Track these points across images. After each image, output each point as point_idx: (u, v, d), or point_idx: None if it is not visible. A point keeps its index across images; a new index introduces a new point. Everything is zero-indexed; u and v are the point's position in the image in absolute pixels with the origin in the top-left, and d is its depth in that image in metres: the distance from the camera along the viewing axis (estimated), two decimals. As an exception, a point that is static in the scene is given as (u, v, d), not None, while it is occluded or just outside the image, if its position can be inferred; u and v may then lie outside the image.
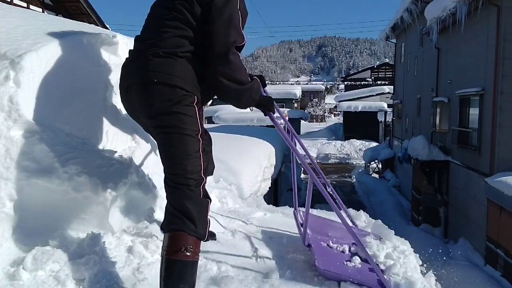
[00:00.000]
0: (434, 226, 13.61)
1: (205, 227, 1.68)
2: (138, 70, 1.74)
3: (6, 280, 1.64)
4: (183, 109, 1.69)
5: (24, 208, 1.84)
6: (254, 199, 3.77)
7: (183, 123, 1.68)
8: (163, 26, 1.76)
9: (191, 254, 1.61)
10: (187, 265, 1.60)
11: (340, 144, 30.35)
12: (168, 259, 1.59)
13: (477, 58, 10.87)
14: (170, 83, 1.67)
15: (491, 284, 8.92)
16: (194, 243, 1.63)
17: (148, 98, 1.70)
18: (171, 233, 1.62)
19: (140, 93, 1.73)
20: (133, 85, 1.76)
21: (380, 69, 52.44)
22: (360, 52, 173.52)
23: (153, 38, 1.76)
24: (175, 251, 1.58)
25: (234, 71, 1.75)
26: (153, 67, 1.69)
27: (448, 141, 13.03)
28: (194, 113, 1.72)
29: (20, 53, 1.93)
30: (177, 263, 1.58)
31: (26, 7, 10.20)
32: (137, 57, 1.78)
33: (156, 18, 1.83)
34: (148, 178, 2.38)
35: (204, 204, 1.71)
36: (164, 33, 1.74)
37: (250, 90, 1.84)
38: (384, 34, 20.93)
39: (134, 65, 1.78)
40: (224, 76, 1.74)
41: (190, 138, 1.70)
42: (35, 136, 1.89)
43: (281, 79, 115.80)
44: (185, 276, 1.58)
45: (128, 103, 1.86)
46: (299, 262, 2.26)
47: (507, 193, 8.61)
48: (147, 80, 1.70)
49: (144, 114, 1.76)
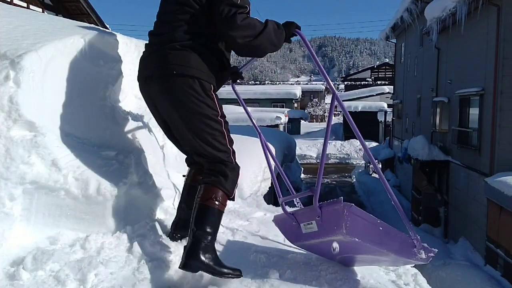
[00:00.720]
0: (434, 226, 13.61)
1: (233, 187, 1.98)
2: (157, 63, 1.91)
3: (6, 280, 1.64)
4: (202, 96, 1.89)
5: (24, 208, 1.84)
6: (254, 199, 3.77)
7: (203, 109, 1.89)
8: (177, 20, 1.93)
9: (219, 204, 1.91)
10: (214, 211, 1.90)
11: (340, 144, 30.35)
12: (200, 204, 1.90)
13: (477, 58, 10.87)
14: (188, 74, 1.86)
15: (491, 284, 8.92)
16: (223, 197, 1.93)
17: (169, 88, 1.89)
18: (206, 185, 1.93)
19: (161, 85, 1.91)
20: (154, 77, 1.93)
21: (380, 69, 52.42)
22: (360, 52, 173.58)
23: (168, 32, 1.93)
24: (207, 199, 1.89)
25: (245, 29, 1.86)
26: (171, 60, 1.87)
27: (448, 141, 13.04)
28: (212, 99, 1.93)
29: (20, 53, 1.93)
30: (206, 208, 1.89)
31: (26, 7, 10.21)
32: (155, 51, 1.95)
33: (169, 13, 1.99)
34: (148, 178, 2.38)
35: (236, 169, 2.01)
36: (179, 27, 1.91)
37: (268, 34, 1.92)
38: (384, 34, 20.93)
39: (153, 57, 1.95)
40: (240, 39, 1.87)
41: (211, 120, 1.93)
42: (35, 136, 1.89)
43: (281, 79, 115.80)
44: (211, 220, 1.89)
45: (148, 93, 2.03)
46: (299, 262, 2.26)
47: (507, 193, 8.61)
48: (167, 72, 1.87)
49: (167, 103, 1.93)
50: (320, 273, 2.16)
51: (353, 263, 2.30)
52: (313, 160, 28.53)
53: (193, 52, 1.88)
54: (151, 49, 2.00)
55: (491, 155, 9.99)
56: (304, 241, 2.12)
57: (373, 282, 2.19)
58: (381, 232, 1.96)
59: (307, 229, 2.03)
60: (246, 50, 1.95)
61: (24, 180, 1.82)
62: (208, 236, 1.88)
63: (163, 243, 2.09)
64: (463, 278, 9.02)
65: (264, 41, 1.91)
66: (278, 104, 37.57)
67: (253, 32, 1.87)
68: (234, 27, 1.84)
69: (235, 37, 1.86)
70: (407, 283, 2.32)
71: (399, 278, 2.35)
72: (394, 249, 2.00)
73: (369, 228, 1.92)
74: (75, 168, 1.96)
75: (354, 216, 1.85)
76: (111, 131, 2.42)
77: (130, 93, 3.00)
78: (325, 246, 2.10)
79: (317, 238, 2.01)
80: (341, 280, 2.12)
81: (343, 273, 2.21)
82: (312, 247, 2.25)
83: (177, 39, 1.89)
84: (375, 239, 1.92)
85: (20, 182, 1.81)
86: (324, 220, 1.93)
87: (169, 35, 1.92)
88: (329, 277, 2.13)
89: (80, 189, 1.95)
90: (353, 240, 1.85)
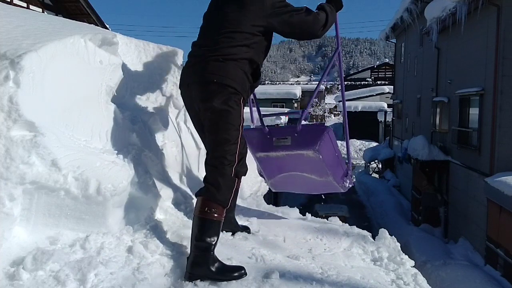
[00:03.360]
0: (434, 226, 13.62)
1: (228, 197, 2.06)
2: (199, 72, 2.15)
3: (6, 280, 1.64)
4: (232, 104, 2.09)
5: (24, 208, 1.84)
6: (254, 199, 3.76)
7: (230, 115, 2.09)
8: (219, 34, 2.17)
9: (214, 214, 1.99)
10: (211, 222, 1.99)
11: (340, 144, 30.30)
12: (198, 217, 2.00)
13: (477, 58, 10.87)
14: (224, 83, 2.07)
15: (491, 284, 8.92)
16: (218, 207, 2.01)
17: (206, 94, 2.11)
18: (200, 197, 2.04)
19: (200, 90, 2.14)
20: (194, 83, 2.17)
21: (380, 69, 52.44)
22: (360, 52, 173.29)
23: (210, 46, 2.16)
24: (203, 211, 1.99)
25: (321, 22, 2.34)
26: (211, 70, 2.10)
27: (448, 141, 13.04)
28: (239, 108, 2.13)
29: (20, 53, 1.93)
30: (204, 221, 1.99)
31: (26, 7, 10.21)
32: (198, 61, 2.18)
33: (212, 28, 2.25)
34: (148, 178, 2.38)
35: (232, 180, 2.11)
36: (222, 42, 2.14)
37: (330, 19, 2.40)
38: (384, 34, 20.94)
39: (196, 67, 2.18)
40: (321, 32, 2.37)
41: (233, 127, 2.10)
42: (35, 136, 1.89)
43: (281, 79, 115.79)
44: (210, 231, 1.98)
45: (189, 97, 2.26)
46: (299, 262, 2.26)
47: (507, 193, 8.62)
48: (206, 80, 2.10)
49: (202, 106, 2.15)
50: (320, 273, 2.16)
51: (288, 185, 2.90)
52: (313, 160, 28.48)
53: (231, 63, 2.10)
54: (194, 60, 2.22)
55: (491, 155, 9.99)
56: (266, 152, 2.57)
57: (373, 282, 2.19)
58: (335, 157, 2.50)
59: (278, 142, 2.45)
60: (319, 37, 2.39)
61: (24, 180, 1.81)
62: (209, 245, 1.96)
63: (163, 243, 2.10)
64: (463, 278, 9.03)
65: (329, 25, 2.38)
66: (278, 104, 37.54)
67: (323, 22, 2.33)
68: (316, 23, 2.30)
69: (317, 31, 2.32)
70: (407, 283, 2.31)
71: (399, 278, 2.35)
72: (335, 173, 2.54)
73: (332, 151, 2.43)
74: (75, 168, 1.96)
75: (328, 139, 2.34)
76: (111, 131, 2.42)
77: (130, 93, 2.99)
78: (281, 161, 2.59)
79: (283, 151, 2.45)
80: (341, 280, 2.12)
81: (343, 273, 2.21)
82: (268, 160, 2.68)
83: (219, 52, 2.11)
84: (329, 161, 2.42)
85: (20, 182, 1.81)
86: (301, 136, 2.36)
87: (211, 48, 2.14)
88: (329, 277, 2.13)
89: (80, 189, 1.94)
90: (318, 157, 2.32)
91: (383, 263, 2.51)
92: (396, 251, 2.68)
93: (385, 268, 2.47)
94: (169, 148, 2.96)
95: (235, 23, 2.16)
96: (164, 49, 3.35)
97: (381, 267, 2.48)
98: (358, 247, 2.68)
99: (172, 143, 3.01)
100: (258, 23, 2.18)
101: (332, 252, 2.55)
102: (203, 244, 1.95)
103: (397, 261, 2.53)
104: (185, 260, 1.98)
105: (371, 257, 2.59)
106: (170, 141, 3.00)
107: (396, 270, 2.44)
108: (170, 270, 1.96)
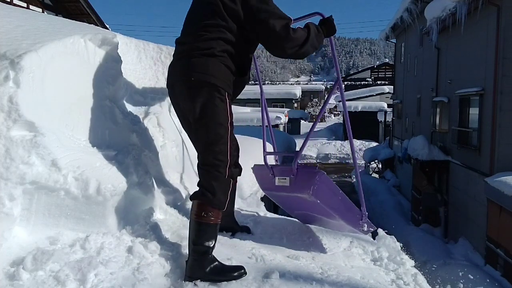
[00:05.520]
0: (434, 226, 13.61)
1: (224, 200, 2.02)
2: (180, 70, 2.08)
3: (6, 280, 1.64)
4: (216, 102, 2.00)
5: (24, 208, 1.84)
6: (254, 199, 3.76)
7: (215, 113, 2.00)
8: (200, 29, 2.07)
9: (210, 218, 1.97)
10: (208, 226, 1.97)
11: (340, 144, 30.33)
12: (194, 221, 1.97)
13: (477, 58, 10.86)
14: (204, 80, 1.98)
15: (491, 284, 8.92)
16: (214, 211, 1.98)
17: (188, 93, 2.04)
18: (196, 201, 2.00)
19: (182, 89, 2.07)
20: (177, 82, 2.10)
21: (380, 69, 52.35)
22: (360, 52, 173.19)
23: (191, 42, 2.07)
24: (199, 215, 1.96)
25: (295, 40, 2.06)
26: (191, 67, 2.01)
27: (448, 141, 13.03)
28: (224, 105, 2.03)
29: (20, 53, 1.93)
30: (200, 224, 1.96)
31: (26, 7, 10.21)
32: (180, 58, 2.12)
33: (193, 23, 2.16)
34: (148, 178, 2.38)
35: (226, 182, 2.05)
36: (200, 36, 2.04)
37: (312, 41, 2.12)
38: (384, 34, 20.92)
39: (177, 65, 2.12)
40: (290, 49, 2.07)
41: (221, 126, 2.02)
42: (35, 136, 1.88)
43: (281, 79, 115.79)
44: (207, 234, 1.96)
45: (174, 97, 2.18)
46: (299, 262, 2.26)
47: (507, 193, 8.62)
48: (186, 78, 2.02)
49: (186, 106, 2.08)
50: (320, 273, 2.16)
51: (307, 220, 2.82)
52: (313, 160, 28.52)
53: (212, 59, 2.01)
54: (177, 57, 2.16)
55: (491, 155, 9.98)
56: (273, 191, 2.57)
57: (373, 282, 2.19)
58: (338, 200, 2.44)
59: (280, 182, 2.42)
60: (291, 57, 2.12)
61: (24, 180, 1.81)
62: (207, 249, 1.95)
63: (163, 243, 2.10)
64: (463, 278, 9.02)
65: (308, 47, 2.10)
66: (278, 104, 37.58)
67: (300, 41, 2.06)
68: (288, 39, 2.02)
69: (286, 48, 2.05)
70: (407, 283, 2.31)
71: (399, 278, 2.35)
72: (344, 217, 2.49)
73: (331, 195, 2.39)
74: (75, 168, 1.96)
75: (322, 183, 2.29)
76: (111, 131, 2.42)
77: (130, 93, 2.99)
78: (288, 200, 2.61)
79: (285, 192, 2.43)
80: (341, 280, 2.12)
81: (343, 273, 2.21)
82: (278, 197, 2.69)
83: (200, 47, 2.02)
84: (332, 205, 2.39)
85: (20, 182, 1.81)
86: (297, 179, 2.34)
87: (192, 45, 2.06)
88: (329, 277, 2.13)
89: (80, 189, 1.94)
90: (315, 201, 2.29)
91: (383, 263, 2.51)
92: (396, 251, 2.68)
93: (385, 268, 2.47)
94: (169, 148, 2.96)
95: (211, 16, 2.05)
96: (163, 49, 3.36)
97: (381, 267, 2.48)
98: (358, 247, 2.68)
99: (172, 143, 3.02)
100: (234, 14, 2.04)
101: (332, 252, 2.55)
102: (201, 248, 1.94)
103: (397, 261, 2.54)
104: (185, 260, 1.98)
105: (371, 257, 2.60)
106: (170, 141, 3.00)
107: (396, 270, 2.44)
108: (170, 270, 1.96)
